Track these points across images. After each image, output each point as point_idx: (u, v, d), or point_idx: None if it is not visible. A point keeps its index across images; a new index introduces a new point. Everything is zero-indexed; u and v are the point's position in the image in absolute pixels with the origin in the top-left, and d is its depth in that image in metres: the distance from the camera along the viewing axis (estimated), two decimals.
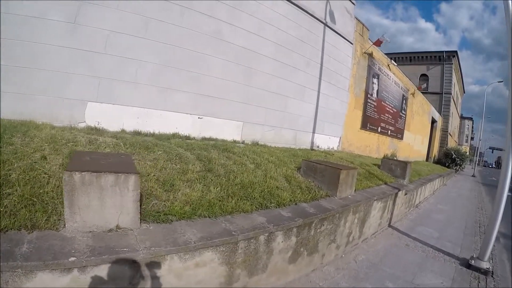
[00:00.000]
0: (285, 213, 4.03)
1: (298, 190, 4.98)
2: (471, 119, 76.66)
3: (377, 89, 14.44)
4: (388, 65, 15.68)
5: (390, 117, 16.35)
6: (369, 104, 13.85)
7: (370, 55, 13.67)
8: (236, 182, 4.54)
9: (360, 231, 5.81)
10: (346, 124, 12.55)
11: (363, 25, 13.29)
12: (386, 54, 17.78)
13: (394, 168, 9.37)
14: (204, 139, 7.42)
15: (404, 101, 18.23)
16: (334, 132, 12.08)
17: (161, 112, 6.79)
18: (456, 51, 32.96)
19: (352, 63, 12.58)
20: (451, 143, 36.72)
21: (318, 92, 10.90)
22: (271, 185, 4.80)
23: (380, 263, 5.29)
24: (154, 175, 3.89)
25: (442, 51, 33.27)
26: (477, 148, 44.12)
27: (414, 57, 34.40)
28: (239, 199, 4.03)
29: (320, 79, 10.94)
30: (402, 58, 34.46)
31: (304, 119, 10.53)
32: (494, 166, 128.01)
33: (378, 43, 13.05)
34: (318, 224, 4.26)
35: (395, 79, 16.57)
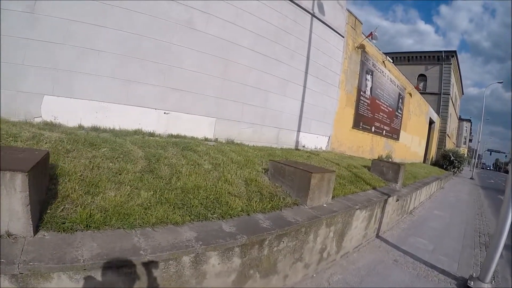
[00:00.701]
0: (227, 227, 3.07)
1: (256, 197, 4.01)
2: (469, 121, 75.39)
3: (370, 86, 13.47)
4: (383, 61, 14.71)
5: (385, 116, 15.37)
6: (362, 101, 12.88)
7: (363, 50, 12.71)
8: (177, 186, 3.67)
9: (338, 246, 4.83)
10: (336, 123, 11.60)
11: (356, 18, 12.33)
12: (384, 53, 16.87)
13: (385, 171, 8.39)
14: (170, 136, 6.61)
15: (400, 100, 17.25)
16: (323, 131, 11.13)
17: (123, 107, 6.10)
18: (455, 51, 31.99)
19: (343, 57, 11.63)
20: (449, 144, 35.69)
21: (304, 87, 10.02)
22: (223, 190, 3.86)
23: (359, 284, 4.32)
24: (81, 174, 3.27)
25: (441, 51, 32.29)
26: (476, 150, 43.07)
27: (412, 57, 33.41)
28: (171, 207, 3.15)
29: (306, 73, 10.07)
30: (400, 58, 33.50)
31: (288, 116, 9.64)
32: (492, 168, 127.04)
33: (371, 36, 12.10)
34: (275, 241, 3.29)
35: (391, 77, 15.60)
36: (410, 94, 18.96)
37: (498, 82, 34.34)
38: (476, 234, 8.34)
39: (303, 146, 10.39)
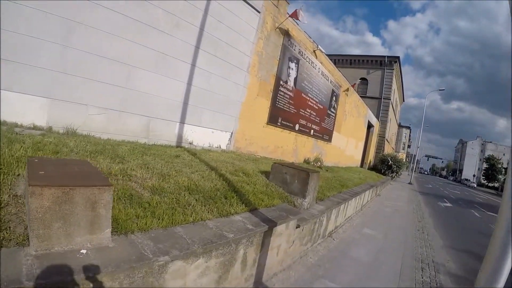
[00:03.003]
0: None
1: None
2: (408, 127, 77.55)
3: (295, 76, 10.90)
4: (314, 51, 12.24)
5: (314, 113, 12.91)
6: (282, 93, 10.23)
7: (287, 32, 10.10)
8: None
9: None
10: (243, 116, 8.81)
11: None
12: (327, 55, 14.49)
13: (289, 180, 5.66)
14: None
15: (334, 97, 14.96)
16: (222, 125, 8.30)
17: None
18: (398, 57, 31.24)
19: (256, 37, 8.91)
20: (388, 149, 34.78)
21: (193, 65, 7.22)
22: None
23: None
24: None
25: (384, 56, 31.45)
26: (415, 155, 42.96)
27: (355, 60, 32.12)
28: None
29: (198, 48, 7.25)
30: (343, 61, 32.06)
31: (165, 102, 6.79)
32: (429, 173, 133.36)
33: (295, 15, 9.50)
34: None
35: (323, 70, 13.21)
36: (346, 93, 16.78)
37: (440, 90, 34.21)
38: (418, 264, 5.95)
39: (190, 143, 7.50)
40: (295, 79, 10.91)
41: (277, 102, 10.06)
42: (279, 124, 10.33)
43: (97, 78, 5.52)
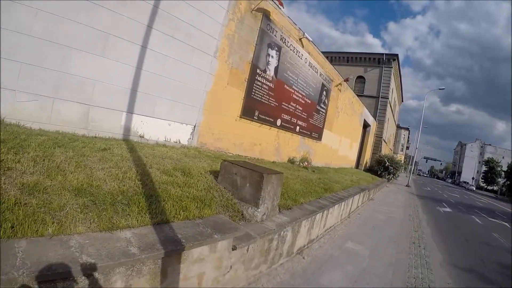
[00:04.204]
0: None
1: None
2: (407, 129, 75.85)
3: (276, 65, 9.50)
4: (300, 39, 10.83)
5: (300, 108, 11.49)
6: (260, 83, 8.84)
7: (266, 16, 8.72)
8: None
9: None
10: (209, 107, 7.44)
11: None
12: (323, 52, 13.17)
13: (240, 183, 4.27)
14: None
15: (325, 92, 13.52)
16: (181, 117, 6.95)
17: None
18: (397, 55, 29.65)
19: (227, 17, 7.55)
20: (386, 150, 33.25)
21: (144, 47, 5.97)
22: None
23: None
24: None
25: (383, 54, 29.90)
26: (413, 157, 41.43)
27: (352, 57, 30.59)
28: None
29: (150, 27, 6.00)
30: (339, 58, 30.65)
31: (108, 88, 5.63)
32: (428, 175, 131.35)
33: None
34: None
35: (312, 61, 11.79)
36: (339, 89, 15.35)
37: (440, 89, 32.75)
38: None
39: (141, 136, 6.21)
40: (276, 68, 9.51)
41: (253, 93, 8.66)
42: (255, 118, 8.93)
43: (26, 60, 4.60)
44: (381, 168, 23.56)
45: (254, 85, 8.64)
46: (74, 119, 5.24)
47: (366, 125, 24.19)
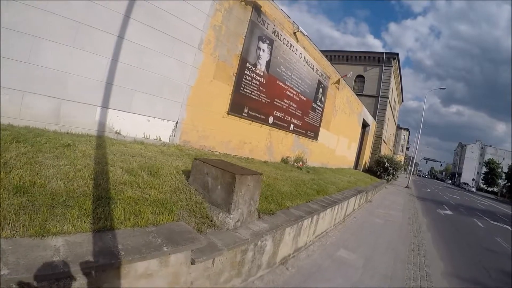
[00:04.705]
0: None
1: None
2: (407, 130, 75.17)
3: (268, 59, 8.93)
4: (295, 33, 10.26)
5: (295, 105, 10.91)
6: (249, 78, 8.29)
7: (257, 7, 8.17)
8: None
9: None
10: (193, 102, 6.90)
11: None
12: (322, 51, 12.63)
13: (211, 185, 3.72)
14: None
15: (321, 90, 12.94)
16: (162, 112, 6.42)
17: None
18: (397, 53, 28.99)
19: (213, 8, 7.01)
20: (385, 151, 32.59)
21: (121, 38, 5.52)
22: None
23: None
24: None
25: (382, 52, 29.28)
26: (413, 158, 40.80)
27: (351, 56, 29.97)
28: None
29: (127, 17, 5.54)
30: (338, 57, 30.04)
31: (82, 82, 5.18)
32: (427, 176, 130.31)
33: None
34: None
35: (307, 57, 11.21)
36: (337, 86, 14.76)
37: (441, 88, 32.16)
38: None
39: (117, 133, 5.75)
40: (268, 62, 8.94)
41: (243, 88, 8.10)
42: (245, 114, 8.36)
43: None
44: (380, 169, 22.96)
45: (244, 79, 8.08)
46: (45, 113, 4.91)
47: (365, 125, 23.57)
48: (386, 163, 22.90)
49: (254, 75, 8.43)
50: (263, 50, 8.70)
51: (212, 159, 4.38)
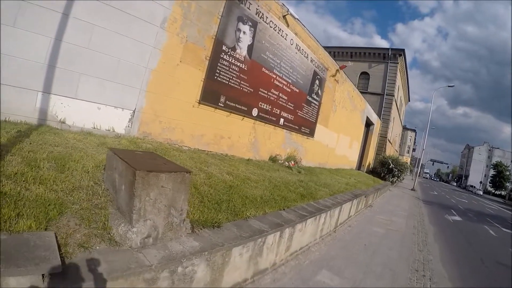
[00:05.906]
0: None
1: None
2: (414, 131, 73.18)
3: (249, 43, 7.75)
4: (285, 17, 9.05)
5: (285, 97, 9.68)
6: (227, 63, 7.12)
7: None
8: None
9: None
10: (154, 89, 5.80)
11: None
12: (325, 47, 11.58)
13: (118, 183, 2.59)
14: None
15: (317, 81, 11.68)
16: (115, 99, 5.38)
17: None
18: (403, 49, 27.66)
19: None
20: (391, 151, 31.07)
21: (65, 15, 4.54)
22: None
23: None
24: None
25: (388, 48, 27.88)
26: (419, 159, 39.19)
27: (356, 53, 28.63)
28: None
29: None
30: (343, 53, 28.69)
31: (20, 64, 4.33)
32: (435, 178, 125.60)
33: None
34: None
35: (300, 44, 9.99)
36: (336, 79, 13.46)
37: (449, 86, 30.65)
38: None
39: (62, 121, 4.77)
40: (250, 46, 7.76)
41: (218, 74, 6.93)
42: (221, 104, 7.18)
43: None
44: (384, 170, 21.58)
45: (219, 64, 6.91)
46: None
47: (369, 123, 22.16)
48: (391, 164, 21.52)
49: (233, 60, 7.25)
50: (244, 32, 7.52)
51: (125, 150, 3.22)
